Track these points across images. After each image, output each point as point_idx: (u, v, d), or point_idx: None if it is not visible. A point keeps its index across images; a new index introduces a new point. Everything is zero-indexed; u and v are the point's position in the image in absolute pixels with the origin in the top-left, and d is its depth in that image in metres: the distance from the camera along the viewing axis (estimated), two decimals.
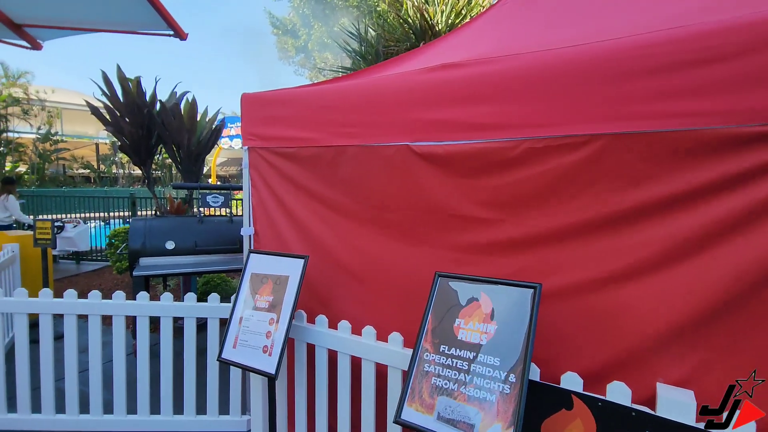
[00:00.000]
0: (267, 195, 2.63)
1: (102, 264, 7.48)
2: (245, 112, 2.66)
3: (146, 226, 3.90)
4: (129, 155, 5.37)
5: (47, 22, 6.60)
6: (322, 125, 2.27)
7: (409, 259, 2.05)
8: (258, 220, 2.69)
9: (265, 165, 2.61)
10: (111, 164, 26.59)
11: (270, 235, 2.64)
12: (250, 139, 2.64)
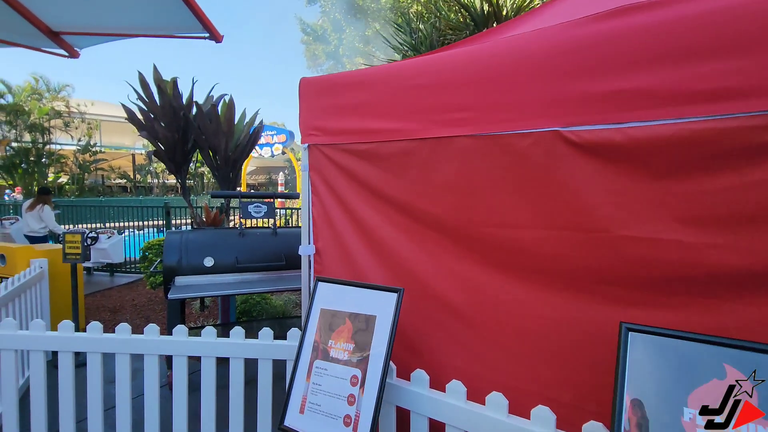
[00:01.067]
0: (332, 205, 2.08)
1: (136, 276, 7.19)
2: (305, 102, 2.12)
3: (182, 240, 3.44)
4: (164, 161, 4.99)
5: (84, 29, 6.40)
6: (415, 111, 1.70)
7: (548, 297, 1.44)
8: (320, 236, 2.14)
9: (330, 167, 2.06)
10: (146, 174, 27.16)
11: (336, 256, 2.08)
12: (312, 134, 2.10)
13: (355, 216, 1.98)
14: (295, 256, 3.79)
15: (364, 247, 1.96)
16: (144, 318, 5.04)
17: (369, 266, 1.93)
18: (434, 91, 1.62)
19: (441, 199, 1.68)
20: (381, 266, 1.90)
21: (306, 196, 2.18)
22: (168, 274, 3.32)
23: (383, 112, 1.80)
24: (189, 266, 3.36)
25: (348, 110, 1.94)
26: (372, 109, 1.84)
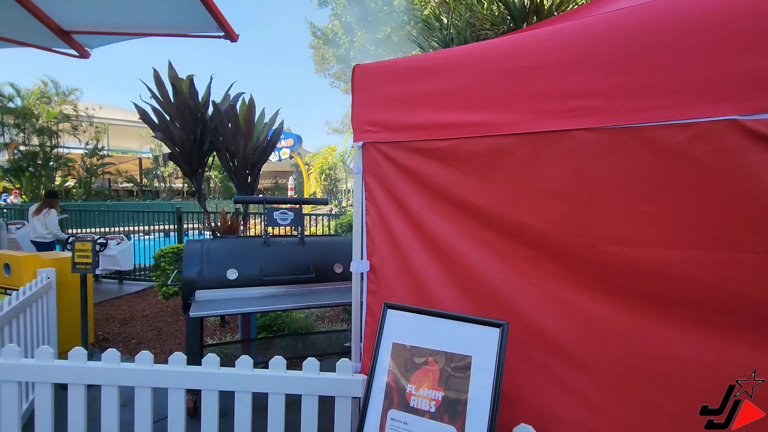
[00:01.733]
0: (393, 214, 1.75)
1: (146, 284, 6.89)
2: (359, 92, 1.81)
3: (203, 249, 3.12)
4: (179, 164, 4.70)
5: (95, 28, 6.14)
6: (513, 99, 1.38)
7: (698, 336, 1.11)
8: (376, 250, 1.81)
9: (391, 169, 1.74)
10: (153, 178, 27.02)
11: (396, 275, 1.75)
12: (367, 130, 1.78)
13: (423, 228, 1.65)
14: (325, 267, 3.48)
15: (434, 266, 1.63)
16: (156, 331, 4.73)
17: (441, 289, 1.61)
18: (542, 75, 1.30)
19: (544, 209, 1.36)
20: (457, 290, 1.57)
21: (358, 203, 1.86)
22: (187, 288, 3.01)
23: (466, 102, 1.48)
24: (211, 278, 3.04)
25: (417, 101, 1.62)
26: (451, 98, 1.52)
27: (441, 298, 1.61)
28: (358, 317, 1.90)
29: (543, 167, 1.33)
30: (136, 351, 4.21)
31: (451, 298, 1.59)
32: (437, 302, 1.61)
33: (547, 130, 1.30)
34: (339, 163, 17.20)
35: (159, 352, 4.18)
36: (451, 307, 1.55)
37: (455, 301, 1.58)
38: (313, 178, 16.98)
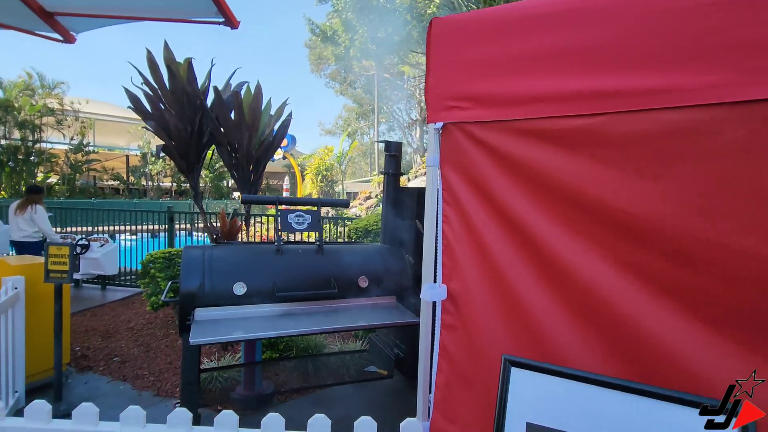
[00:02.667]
0: (485, 222, 1.27)
1: (132, 291, 6.28)
2: (439, 55, 1.33)
3: (205, 258, 2.60)
4: (174, 158, 4.15)
5: (81, 10, 5.53)
6: (713, 52, 0.90)
7: None
8: (459, 271, 1.33)
9: (485, 159, 1.26)
10: (140, 176, 26.14)
11: (490, 306, 1.27)
12: (452, 107, 1.31)
13: (536, 244, 1.17)
14: (348, 281, 2.96)
15: (551, 298, 1.15)
16: (143, 347, 4.17)
17: (562, 333, 1.13)
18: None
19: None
20: (591, 337, 1.09)
21: (432, 206, 1.37)
22: (186, 304, 2.48)
23: (624, 59, 1.01)
24: (214, 294, 2.52)
25: (534, 62, 1.15)
26: (594, 55, 1.05)
27: (562, 345, 1.13)
28: (427, 360, 1.41)
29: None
30: (118, 372, 3.65)
31: (580, 348, 1.11)
32: (556, 351, 1.13)
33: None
34: (336, 164, 16.68)
35: (147, 374, 3.62)
36: (588, 363, 1.07)
37: (586, 353, 1.10)
38: (309, 178, 16.43)
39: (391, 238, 3.29)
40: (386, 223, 3.28)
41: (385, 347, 3.38)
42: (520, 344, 1.20)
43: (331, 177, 16.31)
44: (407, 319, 2.66)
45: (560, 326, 1.14)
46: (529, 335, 1.19)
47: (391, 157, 3.25)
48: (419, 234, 3.08)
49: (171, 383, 3.47)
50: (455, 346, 1.35)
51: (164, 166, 25.03)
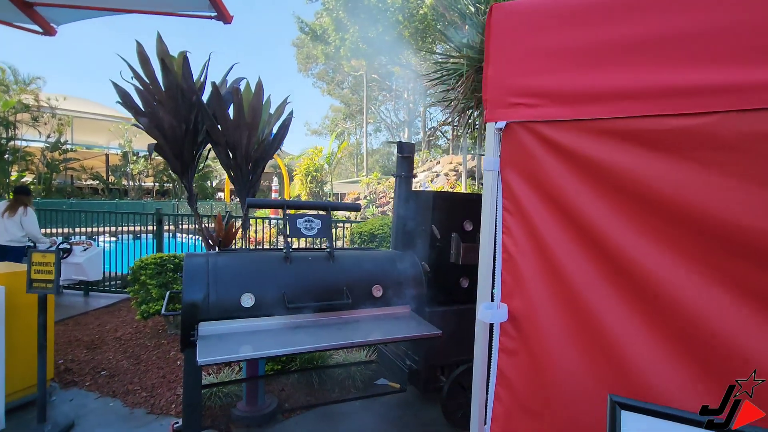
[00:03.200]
0: (557, 234, 1.13)
1: (117, 297, 5.96)
2: (501, 44, 1.18)
3: (209, 267, 2.40)
4: (167, 158, 3.92)
5: (64, 0, 5.23)
6: None
7: None
8: (521, 288, 1.18)
9: (558, 164, 1.12)
10: (121, 176, 25.35)
11: (562, 330, 1.12)
12: (516, 104, 1.16)
13: (628, 264, 1.03)
14: (361, 290, 2.78)
15: (648, 327, 1.00)
16: (133, 358, 3.91)
17: (653, 362, 0.98)
18: None
19: None
20: (689, 367, 0.95)
21: (490, 214, 1.22)
22: (189, 318, 2.27)
23: (751, 49, 0.87)
24: (220, 306, 2.32)
25: (629, 50, 1.00)
26: (710, 43, 0.91)
27: (652, 377, 0.99)
28: (481, 387, 1.25)
29: None
30: (107, 387, 3.40)
31: (675, 380, 0.97)
32: (647, 384, 0.99)
33: None
34: (325, 165, 16.43)
35: (138, 389, 3.38)
36: (686, 401, 0.93)
37: (683, 384, 0.96)
38: (298, 179, 16.13)
39: (404, 244, 3.13)
40: (398, 227, 3.12)
41: (395, 358, 3.21)
42: (599, 372, 1.06)
43: (320, 178, 16.06)
44: (426, 331, 2.50)
45: (650, 352, 1.00)
46: (610, 362, 1.05)
47: (404, 159, 3.09)
48: (434, 240, 2.93)
49: (165, 399, 3.24)
50: (516, 372, 1.20)
51: (146, 166, 24.34)
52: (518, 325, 1.19)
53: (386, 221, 4.44)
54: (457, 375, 2.87)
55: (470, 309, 3.15)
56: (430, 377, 2.96)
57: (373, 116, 33.66)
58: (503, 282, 1.22)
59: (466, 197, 3.09)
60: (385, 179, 23.13)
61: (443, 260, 2.97)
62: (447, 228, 2.95)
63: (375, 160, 40.11)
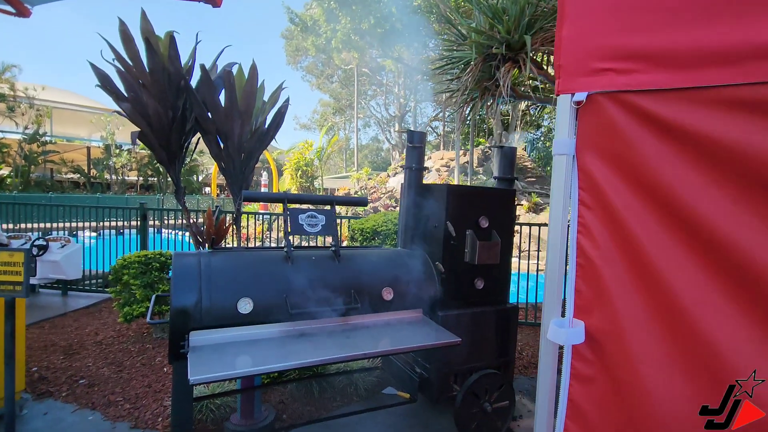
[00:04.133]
0: (658, 235, 0.88)
1: (98, 297, 5.60)
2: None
3: (202, 268, 2.12)
4: (152, 148, 3.60)
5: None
6: None
7: None
8: (603, 301, 0.95)
9: (663, 145, 0.87)
10: (103, 169, 24.55)
11: (668, 354, 0.88)
12: (603, 69, 0.92)
13: (754, 275, 0.79)
14: (370, 293, 2.51)
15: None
16: (115, 365, 3.60)
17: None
18: None
19: None
20: None
21: (561, 209, 0.97)
22: (178, 326, 2.00)
23: None
24: (214, 313, 2.05)
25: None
26: None
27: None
28: (548, 423, 1.01)
29: None
30: (86, 398, 3.10)
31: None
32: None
33: None
34: (315, 160, 16.08)
35: (121, 400, 3.08)
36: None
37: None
38: (288, 174, 15.76)
39: (413, 242, 2.89)
40: (407, 224, 2.87)
41: (404, 365, 2.98)
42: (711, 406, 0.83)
43: (310, 173, 15.71)
44: (444, 339, 2.27)
45: None
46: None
47: (414, 149, 2.84)
48: (448, 237, 2.70)
49: (151, 411, 2.95)
50: (592, 404, 0.97)
51: (130, 159, 23.63)
52: (598, 346, 0.96)
53: (389, 217, 4.20)
54: (472, 383, 2.65)
55: (485, 312, 2.94)
56: (443, 386, 2.74)
57: (363, 111, 33.30)
58: (577, 293, 0.99)
59: (482, 191, 2.86)
60: (376, 174, 22.86)
61: (457, 260, 2.74)
62: (461, 225, 2.72)
63: (363, 155, 39.81)
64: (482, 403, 2.70)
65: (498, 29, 3.84)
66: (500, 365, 2.96)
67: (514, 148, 3.20)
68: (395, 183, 19.56)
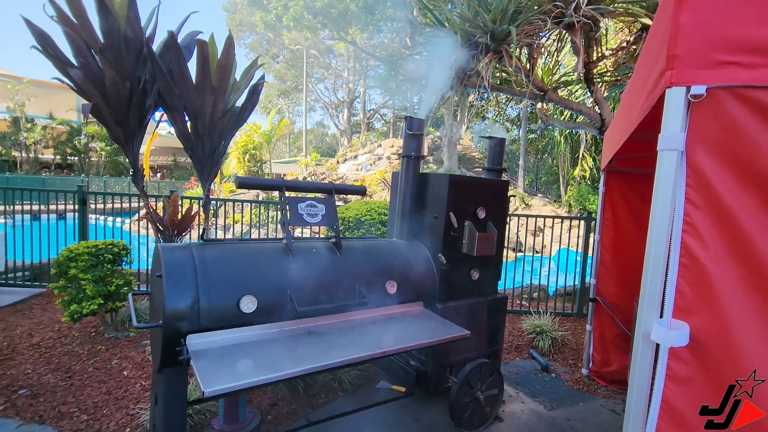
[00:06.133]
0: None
1: (25, 293, 4.88)
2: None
3: (197, 263, 1.87)
4: (107, 124, 3.15)
5: None
6: None
7: None
8: (714, 301, 0.93)
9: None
10: (10, 145, 21.53)
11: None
12: (729, 63, 0.88)
13: None
14: (374, 286, 2.36)
15: None
16: (62, 371, 3.16)
17: None
18: None
19: None
20: None
21: (666, 207, 0.94)
22: (173, 330, 1.76)
23: None
24: (215, 313, 1.83)
25: None
26: None
27: None
28: (642, 421, 0.99)
29: None
30: (30, 410, 2.70)
31: None
32: None
33: None
34: (264, 144, 15.32)
35: (75, 410, 2.71)
36: None
37: None
38: (234, 157, 14.88)
39: (409, 233, 2.80)
40: (404, 213, 2.78)
41: (396, 358, 2.92)
42: None
43: (259, 157, 14.96)
44: (453, 332, 2.24)
45: None
46: None
47: (413, 137, 2.74)
48: (448, 228, 2.65)
49: (116, 422, 2.63)
50: (689, 406, 0.96)
51: (45, 135, 20.96)
52: (699, 347, 0.95)
53: (372, 206, 4.06)
54: (467, 373, 2.65)
55: (479, 303, 2.95)
56: (439, 378, 2.71)
57: (309, 95, 32.31)
58: (679, 293, 0.97)
59: (480, 182, 2.84)
60: (325, 160, 22.37)
61: (456, 251, 2.70)
62: (459, 215, 2.68)
63: (308, 141, 38.77)
64: (474, 392, 2.72)
65: (483, 18, 3.82)
66: (490, 354, 3.00)
67: (503, 139, 3.21)
68: (345, 169, 19.29)
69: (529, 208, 13.16)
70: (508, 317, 4.91)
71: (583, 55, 4.09)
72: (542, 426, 2.87)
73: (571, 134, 13.63)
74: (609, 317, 3.44)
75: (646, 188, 3.36)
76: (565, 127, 7.35)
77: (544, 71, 5.51)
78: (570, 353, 4.16)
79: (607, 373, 3.49)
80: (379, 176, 13.76)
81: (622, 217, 3.43)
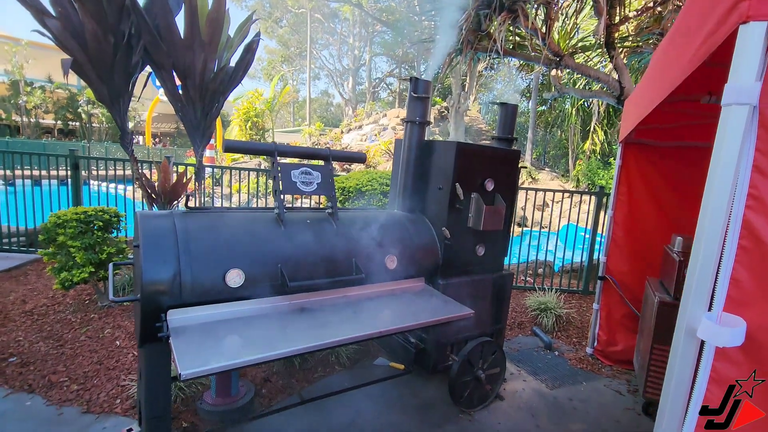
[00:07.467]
0: None
1: (19, 258, 4.80)
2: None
3: (179, 233, 1.72)
4: (90, 82, 2.94)
5: None
6: None
7: None
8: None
9: None
10: (11, 110, 21.23)
11: None
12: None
13: None
14: (372, 260, 2.19)
15: None
16: (53, 340, 3.09)
17: None
18: None
19: None
20: None
21: (728, 174, 0.75)
22: (152, 304, 1.62)
23: None
24: (198, 287, 1.69)
25: None
26: None
27: None
28: (678, 423, 0.85)
29: None
30: (20, 379, 2.63)
31: None
32: None
33: None
34: (267, 111, 14.95)
35: (66, 380, 2.64)
36: None
37: None
38: (236, 125, 14.55)
39: (412, 204, 2.63)
40: (406, 184, 2.59)
41: (396, 335, 2.80)
42: None
43: (261, 125, 14.63)
44: (457, 311, 2.10)
45: None
46: None
47: (418, 100, 2.52)
48: (454, 200, 2.47)
49: (106, 393, 2.56)
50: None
51: (45, 99, 20.59)
52: (756, 347, 0.79)
53: (374, 176, 3.88)
54: (469, 351, 2.54)
55: (484, 280, 2.81)
56: (440, 356, 2.60)
57: (313, 62, 31.42)
58: (733, 283, 0.80)
59: (490, 151, 2.63)
60: (329, 130, 21.94)
61: (461, 225, 2.53)
62: (466, 187, 2.50)
63: (312, 110, 38.05)
64: (476, 371, 2.62)
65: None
66: (493, 332, 2.88)
67: (515, 106, 2.98)
68: (349, 140, 18.92)
69: (536, 182, 12.90)
70: (511, 293, 4.82)
71: (605, 16, 3.77)
72: (544, 405, 2.79)
73: (583, 106, 13.17)
74: (618, 296, 3.30)
75: (668, 163, 3.14)
76: (580, 96, 7.02)
77: (561, 35, 5.16)
78: (574, 331, 4.05)
79: (613, 352, 3.38)
80: (383, 147, 13.45)
81: (638, 193, 3.23)
